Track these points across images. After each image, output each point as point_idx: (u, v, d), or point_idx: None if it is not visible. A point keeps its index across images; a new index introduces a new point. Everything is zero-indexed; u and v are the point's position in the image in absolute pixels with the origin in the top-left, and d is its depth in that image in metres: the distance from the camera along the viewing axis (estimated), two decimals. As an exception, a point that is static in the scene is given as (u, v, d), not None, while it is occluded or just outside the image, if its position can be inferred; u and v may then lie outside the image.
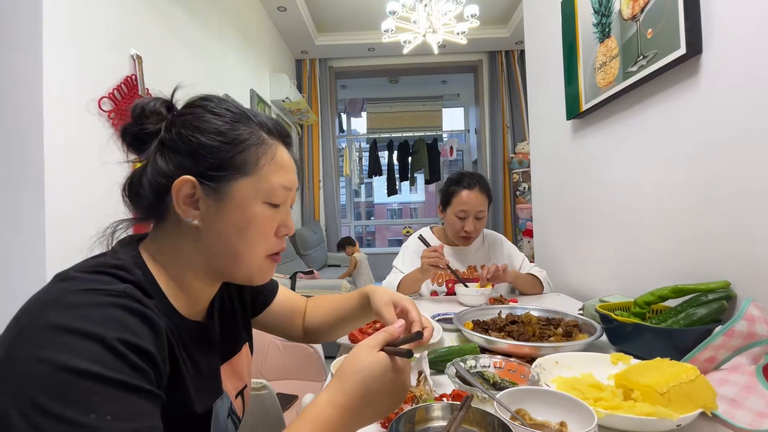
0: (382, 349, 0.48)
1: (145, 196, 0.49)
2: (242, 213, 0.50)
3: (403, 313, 0.70)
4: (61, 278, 0.44)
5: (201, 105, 0.52)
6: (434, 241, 1.61)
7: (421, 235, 1.56)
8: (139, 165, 0.52)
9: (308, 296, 0.85)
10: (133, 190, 0.51)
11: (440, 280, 1.58)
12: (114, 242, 0.54)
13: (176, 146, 0.49)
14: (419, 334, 0.54)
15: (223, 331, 0.61)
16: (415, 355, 0.76)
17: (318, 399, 0.45)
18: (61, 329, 0.36)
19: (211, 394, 0.54)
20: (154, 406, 0.38)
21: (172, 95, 0.54)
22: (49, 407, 0.33)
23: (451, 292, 1.57)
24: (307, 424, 0.43)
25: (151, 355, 0.40)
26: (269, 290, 0.76)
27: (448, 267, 1.38)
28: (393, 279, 1.50)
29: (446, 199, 1.54)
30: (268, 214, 0.52)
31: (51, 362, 0.35)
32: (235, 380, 0.62)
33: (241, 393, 0.64)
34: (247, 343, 0.68)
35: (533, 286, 1.49)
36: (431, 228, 1.67)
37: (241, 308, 0.68)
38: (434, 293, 1.58)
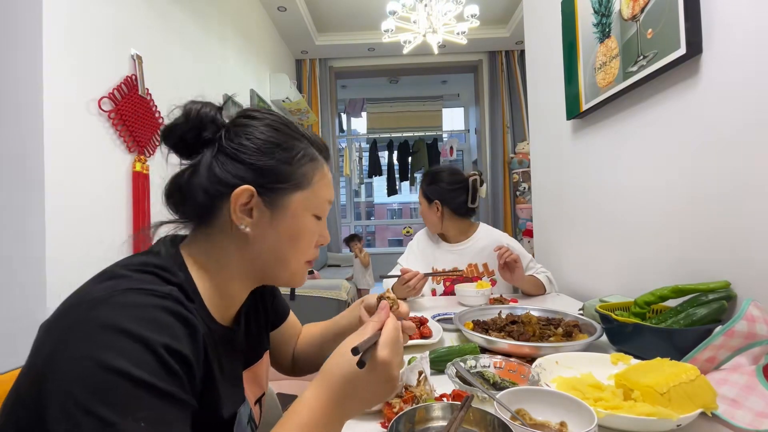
0: (353, 353, 0.45)
1: (197, 200, 0.50)
2: (295, 223, 0.53)
3: (369, 308, 0.71)
4: (109, 276, 0.44)
5: (258, 117, 0.53)
6: (433, 241, 1.63)
7: (384, 275, 1.51)
8: (138, 165, 0.52)
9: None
10: (179, 193, 0.52)
11: (437, 279, 1.59)
12: (154, 241, 0.55)
13: (236, 156, 0.50)
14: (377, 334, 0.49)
15: (248, 337, 0.62)
16: (415, 355, 0.76)
17: (303, 396, 0.45)
18: (110, 328, 0.37)
19: (235, 399, 0.54)
20: (185, 415, 0.39)
21: (224, 104, 0.55)
22: (88, 404, 0.34)
23: (448, 291, 1.58)
24: (294, 420, 0.43)
25: (189, 361, 0.40)
26: (284, 309, 0.77)
27: (429, 273, 1.41)
28: (389, 281, 1.52)
29: None
30: (314, 225, 0.56)
31: (97, 361, 0.35)
32: (254, 387, 0.63)
33: (259, 400, 0.64)
34: (267, 351, 0.69)
35: (537, 288, 1.49)
36: None
37: (264, 317, 0.69)
38: (433, 292, 1.59)
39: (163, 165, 0.54)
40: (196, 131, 0.50)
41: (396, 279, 1.44)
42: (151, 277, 0.44)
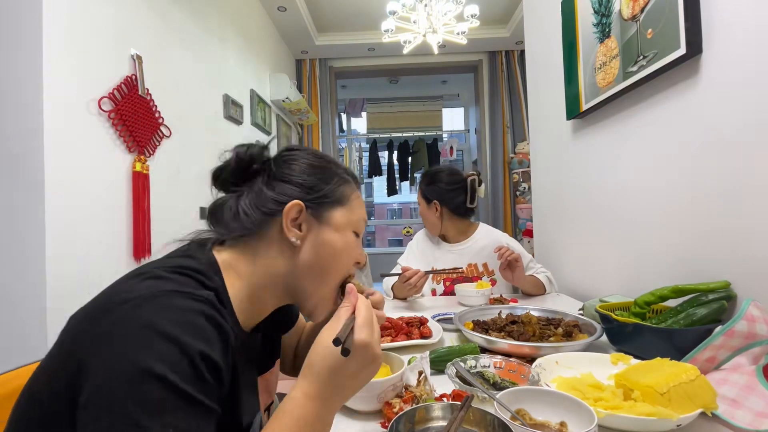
0: (335, 344, 0.46)
1: (251, 217, 0.55)
2: (338, 237, 0.58)
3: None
4: (149, 275, 0.45)
5: (300, 149, 0.61)
6: (434, 241, 1.63)
7: (384, 273, 1.53)
8: (138, 165, 0.53)
9: None
10: (228, 213, 0.56)
11: (438, 278, 1.59)
12: (188, 243, 0.57)
13: (284, 179, 0.57)
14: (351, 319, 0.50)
15: (264, 345, 0.64)
16: (415, 355, 0.76)
17: (291, 393, 0.46)
18: (153, 330, 0.38)
19: (252, 407, 0.55)
20: (210, 424, 0.39)
21: (267, 145, 0.61)
22: (124, 403, 0.35)
23: (449, 291, 1.58)
24: (284, 418, 0.43)
25: (219, 369, 0.41)
26: (296, 310, 0.78)
27: (429, 271, 1.41)
28: (389, 281, 1.53)
29: None
30: (354, 241, 0.60)
31: (135, 362, 0.36)
32: (265, 395, 0.64)
33: (268, 408, 0.65)
34: (279, 359, 0.70)
35: (537, 288, 1.49)
36: None
37: (278, 325, 0.71)
38: (434, 292, 1.59)
39: (163, 165, 0.55)
40: (247, 166, 0.57)
41: (396, 277, 1.44)
42: (191, 281, 0.46)
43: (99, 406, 0.35)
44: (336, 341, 0.44)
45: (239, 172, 0.57)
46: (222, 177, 0.58)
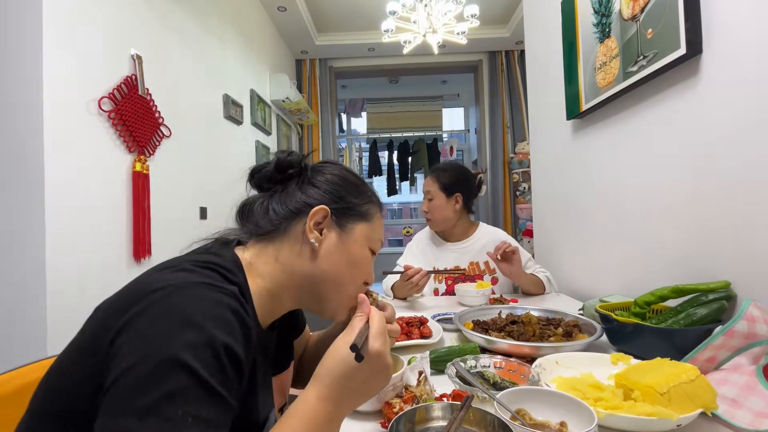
0: (352, 349, 0.47)
1: (276, 215, 0.58)
2: (356, 249, 0.60)
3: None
4: (179, 267, 0.46)
5: (335, 164, 0.64)
6: (435, 241, 1.63)
7: (387, 271, 1.52)
8: (138, 165, 0.54)
9: None
10: (259, 211, 0.59)
11: (440, 278, 1.59)
12: (212, 241, 0.59)
13: (318, 184, 0.60)
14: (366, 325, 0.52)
15: (279, 345, 0.65)
16: (415, 355, 0.76)
17: (302, 396, 0.46)
18: (182, 318, 0.39)
19: (266, 404, 0.56)
20: (227, 418, 0.40)
21: (307, 155, 0.64)
22: (149, 388, 0.35)
23: (450, 290, 1.58)
24: (293, 420, 0.44)
25: (241, 364, 0.42)
26: (304, 318, 0.79)
27: (431, 271, 1.41)
28: (389, 280, 1.53)
29: None
30: (369, 258, 0.62)
31: (166, 349, 0.37)
32: (279, 396, 0.65)
33: (281, 409, 0.66)
34: (293, 361, 0.71)
35: (537, 287, 1.49)
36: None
37: (292, 327, 0.72)
38: (435, 291, 1.59)
39: (163, 165, 0.56)
40: (284, 169, 0.60)
41: (397, 277, 1.44)
42: (217, 275, 0.47)
43: (125, 387, 0.36)
44: (353, 347, 0.45)
45: (276, 174, 0.60)
46: (258, 176, 0.62)
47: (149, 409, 0.34)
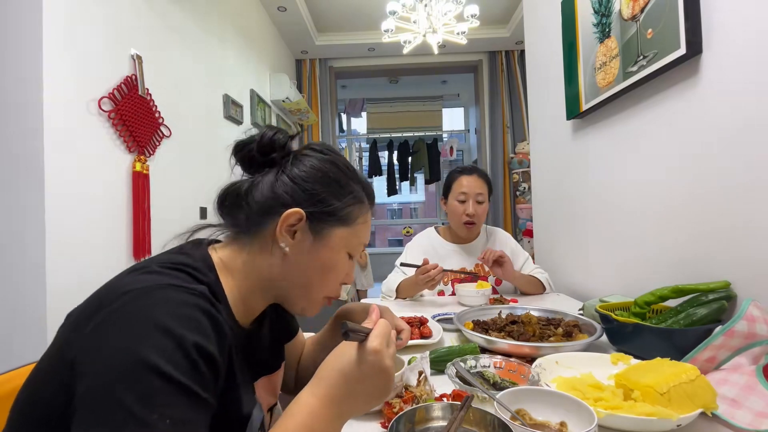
0: (344, 333, 0.46)
1: (250, 210, 0.54)
2: (331, 256, 0.56)
3: (348, 314, 0.75)
4: (145, 270, 0.45)
5: (323, 152, 0.58)
6: (438, 242, 1.63)
7: (401, 262, 1.52)
8: (138, 165, 0.53)
9: None
10: (236, 201, 0.55)
11: (445, 279, 1.59)
12: (186, 242, 0.57)
13: (296, 180, 0.54)
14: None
15: (271, 345, 0.64)
16: (415, 355, 0.76)
17: (300, 396, 0.46)
18: (149, 322, 0.38)
19: (249, 400, 0.55)
20: (206, 416, 0.40)
21: (297, 134, 0.60)
22: (120, 394, 0.35)
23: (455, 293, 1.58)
24: (291, 421, 0.43)
25: (215, 361, 0.41)
26: (296, 323, 0.78)
27: (447, 270, 1.39)
28: (393, 279, 1.52)
29: (447, 187, 1.58)
30: (346, 262, 0.59)
31: (133, 353, 0.36)
32: (268, 396, 0.64)
33: (271, 410, 0.65)
34: (284, 362, 0.70)
35: (534, 287, 1.50)
36: (436, 228, 1.68)
37: (283, 328, 0.72)
38: (441, 293, 1.58)
39: (163, 165, 0.56)
40: (266, 152, 0.55)
41: (403, 276, 1.44)
42: (184, 275, 0.46)
43: (95, 397, 0.35)
44: (343, 325, 0.45)
45: (258, 156, 0.55)
46: (242, 153, 0.56)
47: (125, 417, 0.34)
